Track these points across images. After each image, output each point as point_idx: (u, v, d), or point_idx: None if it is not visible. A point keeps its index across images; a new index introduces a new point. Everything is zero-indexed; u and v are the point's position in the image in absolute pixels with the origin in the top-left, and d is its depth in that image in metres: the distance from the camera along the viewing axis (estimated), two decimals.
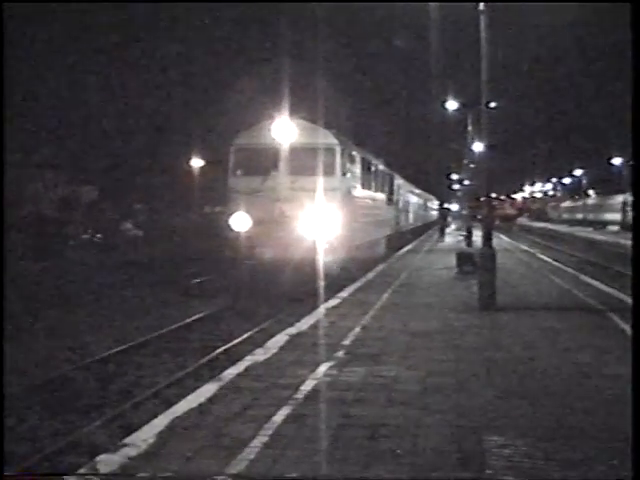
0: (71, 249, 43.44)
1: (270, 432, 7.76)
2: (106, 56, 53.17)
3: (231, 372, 10.65)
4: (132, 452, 7.18)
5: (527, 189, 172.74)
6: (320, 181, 22.46)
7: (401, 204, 44.33)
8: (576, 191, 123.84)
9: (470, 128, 43.87)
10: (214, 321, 20.01)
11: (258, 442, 7.43)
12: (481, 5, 17.23)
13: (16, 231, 40.08)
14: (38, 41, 46.88)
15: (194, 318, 19.97)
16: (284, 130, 23.12)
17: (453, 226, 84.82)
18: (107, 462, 6.96)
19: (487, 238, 17.82)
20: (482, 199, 20.33)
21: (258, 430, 7.80)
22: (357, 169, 26.43)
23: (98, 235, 51.30)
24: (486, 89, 17.76)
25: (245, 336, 17.27)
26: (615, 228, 76.76)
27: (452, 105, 43.89)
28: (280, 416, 8.33)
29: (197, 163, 63.49)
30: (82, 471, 6.93)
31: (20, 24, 41.65)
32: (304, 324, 15.09)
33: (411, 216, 53.70)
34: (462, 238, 46.73)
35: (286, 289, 21.74)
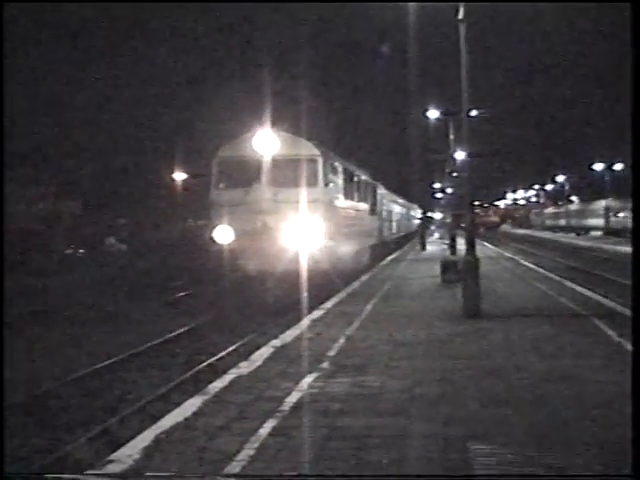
0: (54, 264, 43.26)
1: (256, 445, 7.72)
2: (88, 70, 53.17)
3: (216, 385, 10.62)
4: (117, 468, 7.14)
5: (510, 196, 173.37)
6: (303, 192, 22.46)
7: (384, 214, 44.35)
8: (559, 197, 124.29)
9: (452, 137, 43.99)
10: (198, 335, 19.96)
11: (244, 455, 7.40)
12: (460, 14, 17.29)
13: None
14: (22, 56, 46.85)
15: (178, 332, 19.91)
16: (266, 142, 23.13)
17: (437, 235, 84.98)
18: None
19: (470, 246, 17.87)
20: (464, 207, 20.41)
21: (244, 444, 7.77)
22: (340, 180, 26.45)
23: (81, 250, 51.13)
24: (467, 98, 17.82)
25: (230, 349, 17.25)
26: (598, 233, 77.17)
27: (433, 114, 44.09)
28: (266, 429, 8.30)
29: (180, 176, 63.32)
30: None
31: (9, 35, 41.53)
32: (288, 336, 15.06)
33: (394, 226, 53.73)
34: (446, 247, 46.82)
35: (270, 301, 21.74)
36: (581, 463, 6.93)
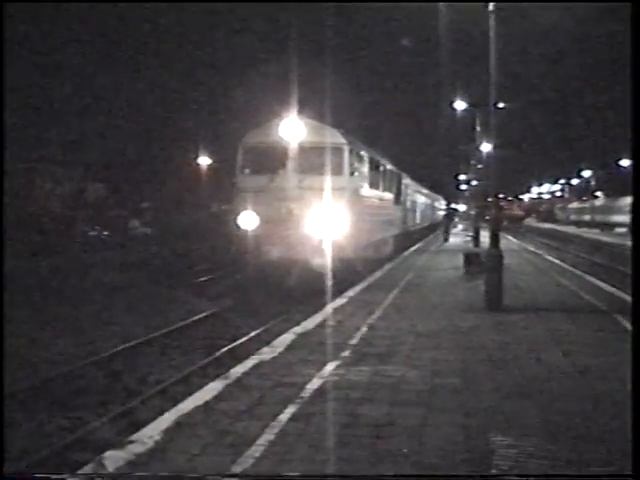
0: (79, 246, 43.50)
1: (276, 430, 7.78)
2: (114, 54, 53.27)
3: (238, 370, 10.69)
4: (139, 449, 7.21)
5: (535, 190, 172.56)
6: (328, 180, 22.42)
7: (408, 204, 44.25)
8: (584, 192, 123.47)
9: (478, 128, 43.78)
10: (220, 319, 20.03)
11: (264, 440, 7.46)
12: (490, 6, 17.20)
13: (24, 227, 40.12)
14: (49, 40, 47.08)
15: (200, 316, 20.00)
16: (292, 129, 23.11)
17: (460, 226, 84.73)
18: (114, 458, 7.00)
19: (494, 239, 17.82)
20: (489, 199, 20.37)
21: (264, 428, 7.82)
22: (365, 168, 26.41)
23: (105, 232, 51.36)
24: (495, 89, 17.75)
25: (252, 334, 17.30)
26: (623, 230, 76.60)
27: (460, 105, 43.86)
28: (286, 414, 8.36)
29: (204, 161, 63.32)
30: (88, 468, 6.95)
31: (30, 24, 41.88)
32: (311, 323, 15.12)
33: (418, 216, 53.60)
34: (469, 239, 46.72)
35: (293, 288, 21.74)
36: (600, 459, 6.94)
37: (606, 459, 6.92)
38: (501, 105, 17.95)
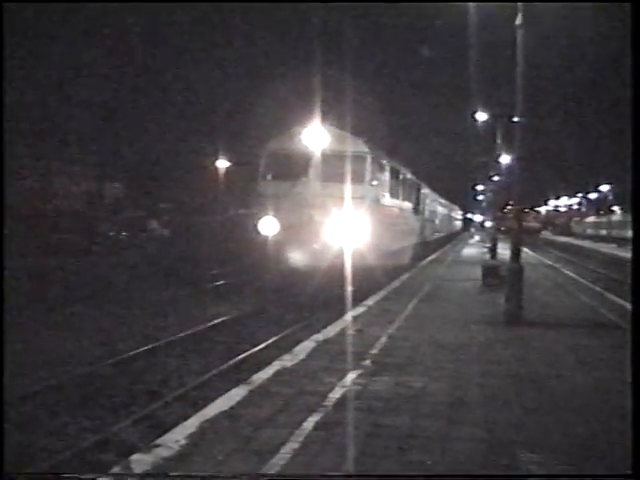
0: (98, 246, 43.64)
1: (301, 439, 7.84)
2: (135, 54, 53.34)
3: (260, 377, 10.74)
4: (165, 453, 7.28)
5: (552, 202, 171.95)
6: (349, 188, 22.45)
7: (427, 214, 44.26)
8: (601, 207, 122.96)
9: (499, 140, 43.71)
10: (239, 324, 20.03)
11: (289, 448, 7.52)
12: (518, 19, 17.22)
13: (42, 227, 40.23)
14: (70, 39, 47.26)
15: (219, 320, 20.04)
16: (316, 137, 23.19)
17: (477, 237, 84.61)
18: (140, 462, 7.08)
19: (515, 253, 17.79)
20: (506, 211, 20.38)
21: (289, 436, 7.88)
22: (386, 177, 26.48)
23: (124, 233, 51.53)
24: (521, 103, 17.75)
25: (271, 341, 17.31)
26: None
27: (482, 116, 43.80)
28: (310, 423, 8.42)
29: (223, 164, 63.21)
30: (116, 470, 7.04)
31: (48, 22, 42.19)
32: (330, 331, 15.15)
33: (436, 226, 53.60)
34: (486, 250, 46.67)
35: (312, 295, 21.78)
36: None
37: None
38: (517, 119, 17.83)
